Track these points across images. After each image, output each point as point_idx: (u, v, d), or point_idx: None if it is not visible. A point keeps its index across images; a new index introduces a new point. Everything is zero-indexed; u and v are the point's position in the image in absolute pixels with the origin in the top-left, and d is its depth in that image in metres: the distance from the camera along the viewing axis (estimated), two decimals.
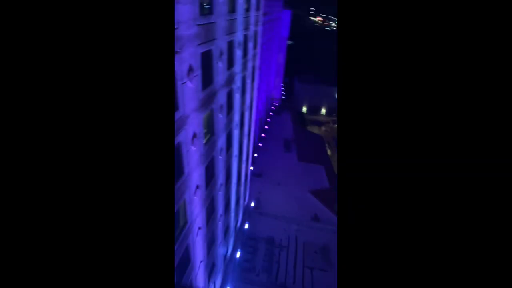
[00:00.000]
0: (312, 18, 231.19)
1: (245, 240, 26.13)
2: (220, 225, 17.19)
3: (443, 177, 2.35)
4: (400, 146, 2.44)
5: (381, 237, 2.46)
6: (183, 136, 9.04)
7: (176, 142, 8.50)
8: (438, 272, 2.34)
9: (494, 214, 2.26)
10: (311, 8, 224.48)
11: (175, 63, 7.53)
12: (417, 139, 2.41)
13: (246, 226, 26.89)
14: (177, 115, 8.32)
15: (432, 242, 2.36)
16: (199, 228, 12.63)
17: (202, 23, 9.06)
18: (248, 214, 28.84)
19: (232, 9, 12.96)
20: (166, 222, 2.64)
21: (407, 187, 2.43)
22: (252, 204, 29.96)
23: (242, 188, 24.30)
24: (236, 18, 13.26)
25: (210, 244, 15.76)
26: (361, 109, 2.49)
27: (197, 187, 11.28)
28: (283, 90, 70.19)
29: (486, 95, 2.27)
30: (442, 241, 2.35)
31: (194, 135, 9.91)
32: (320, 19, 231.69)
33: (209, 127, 12.53)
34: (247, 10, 16.03)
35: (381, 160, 2.48)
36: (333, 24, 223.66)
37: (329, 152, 48.07)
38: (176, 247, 9.94)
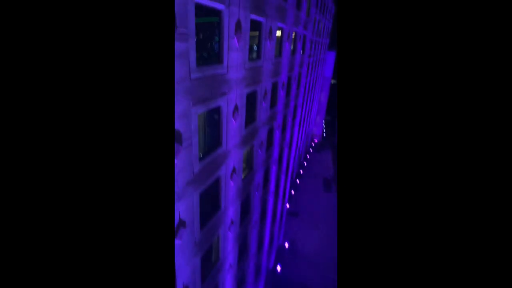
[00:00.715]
0: None
1: (276, 283, 24.51)
2: (251, 265, 16.54)
3: (445, 180, 2.31)
4: (401, 148, 2.40)
5: (382, 239, 2.43)
6: (223, 170, 9.30)
7: (215, 176, 8.76)
8: (439, 274, 2.32)
9: (496, 217, 2.23)
10: None
11: (222, 102, 8.07)
12: (418, 141, 2.37)
13: (279, 268, 25.39)
14: (220, 151, 8.69)
15: (433, 244, 2.34)
16: (230, 265, 12.29)
17: (250, 67, 9.75)
18: (282, 255, 27.38)
19: (279, 53, 13.78)
20: (166, 227, 2.58)
21: (409, 189, 2.39)
22: (286, 244, 28.52)
23: (276, 227, 23.49)
24: (281, 61, 14.00)
25: (240, 283, 15.11)
26: (362, 109, 2.48)
27: (232, 222, 11.23)
28: (324, 128, 69.61)
29: (486, 97, 2.23)
30: (443, 243, 2.33)
31: (234, 170, 10.14)
32: None
33: (248, 162, 12.75)
34: (293, 53, 16.90)
35: (382, 162, 2.43)
36: None
37: None
38: (206, 283, 9.73)
